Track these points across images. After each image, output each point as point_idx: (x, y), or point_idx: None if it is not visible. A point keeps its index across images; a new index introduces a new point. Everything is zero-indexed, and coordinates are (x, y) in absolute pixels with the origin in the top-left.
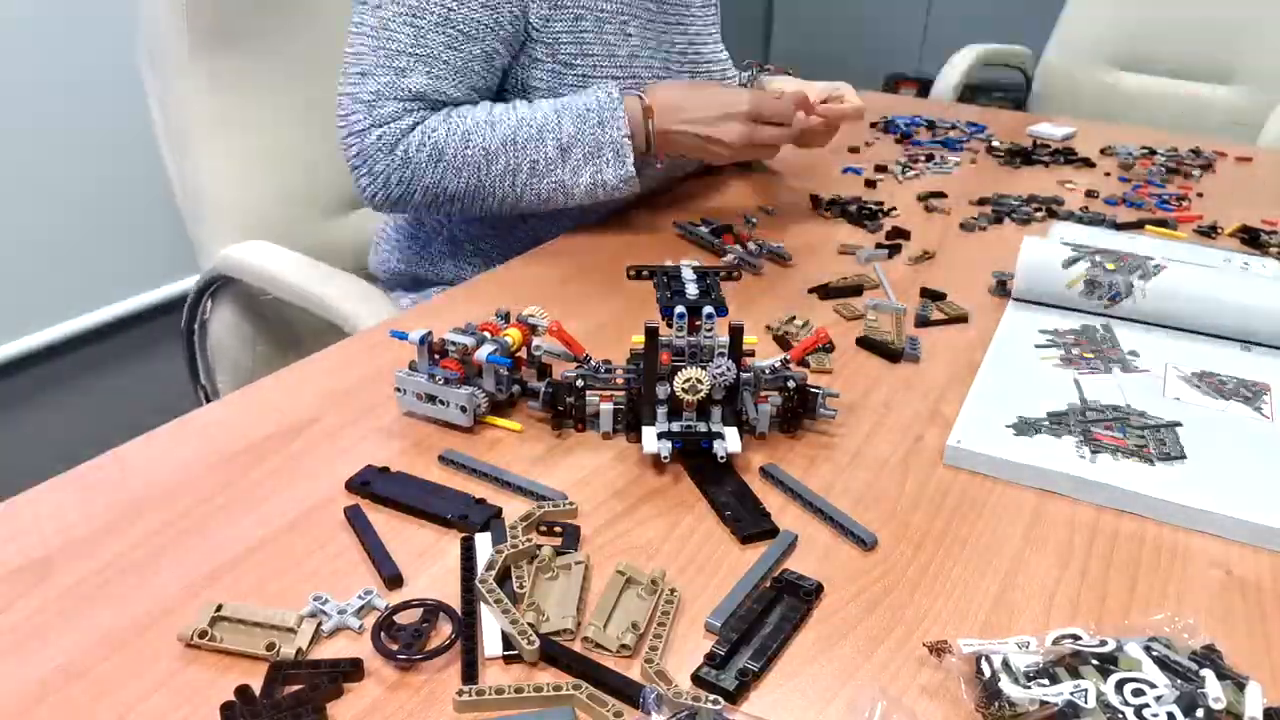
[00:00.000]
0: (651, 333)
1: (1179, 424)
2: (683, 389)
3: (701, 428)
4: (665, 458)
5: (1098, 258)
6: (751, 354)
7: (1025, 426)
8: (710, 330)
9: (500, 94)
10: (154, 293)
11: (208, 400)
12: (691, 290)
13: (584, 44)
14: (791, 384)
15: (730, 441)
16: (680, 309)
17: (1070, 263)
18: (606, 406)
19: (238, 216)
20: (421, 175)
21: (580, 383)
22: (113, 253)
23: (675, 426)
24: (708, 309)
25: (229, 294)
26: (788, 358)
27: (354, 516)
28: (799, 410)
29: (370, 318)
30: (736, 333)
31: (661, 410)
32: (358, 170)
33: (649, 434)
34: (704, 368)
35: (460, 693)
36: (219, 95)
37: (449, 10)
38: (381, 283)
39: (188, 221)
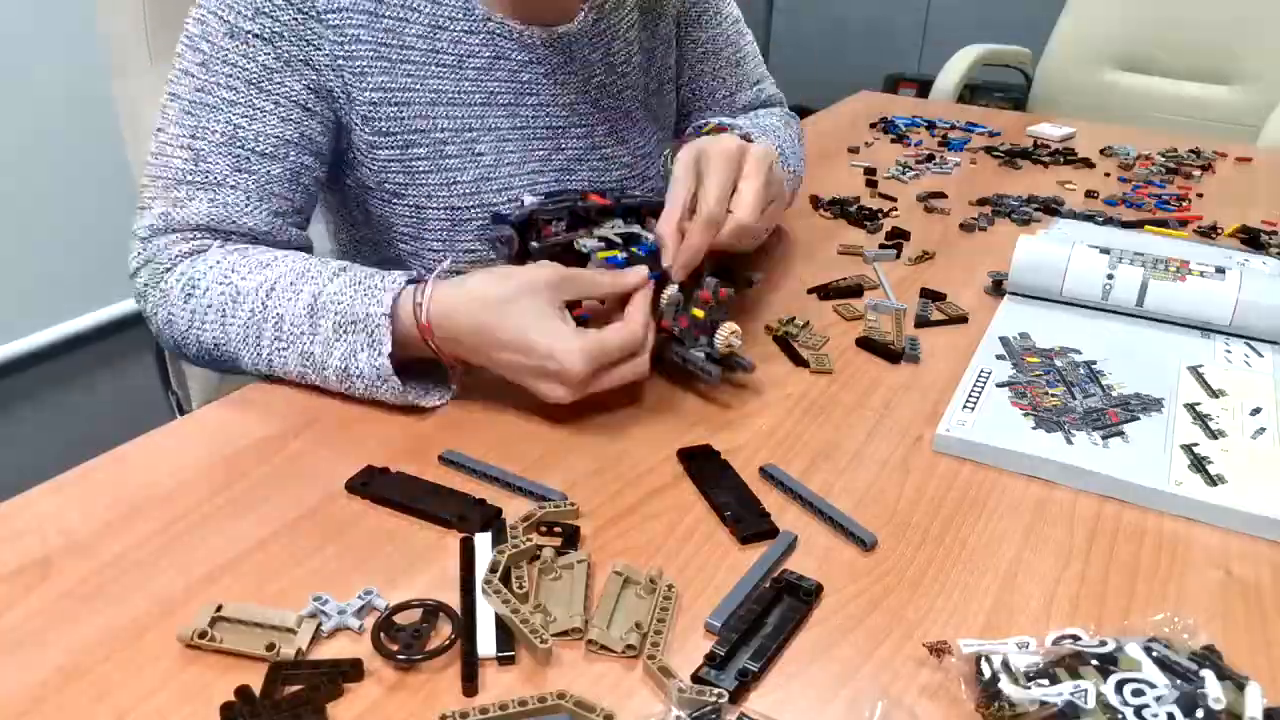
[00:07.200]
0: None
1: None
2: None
3: None
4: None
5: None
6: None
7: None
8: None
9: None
10: (119, 306)
11: (180, 409)
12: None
13: (415, 172)
14: None
15: None
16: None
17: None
18: None
19: None
20: (176, 316)
21: None
22: (80, 264)
23: None
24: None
25: None
26: None
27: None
28: None
29: None
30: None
31: None
32: (144, 313)
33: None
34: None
35: (444, 716)
36: None
37: (235, 128)
38: None
39: None
